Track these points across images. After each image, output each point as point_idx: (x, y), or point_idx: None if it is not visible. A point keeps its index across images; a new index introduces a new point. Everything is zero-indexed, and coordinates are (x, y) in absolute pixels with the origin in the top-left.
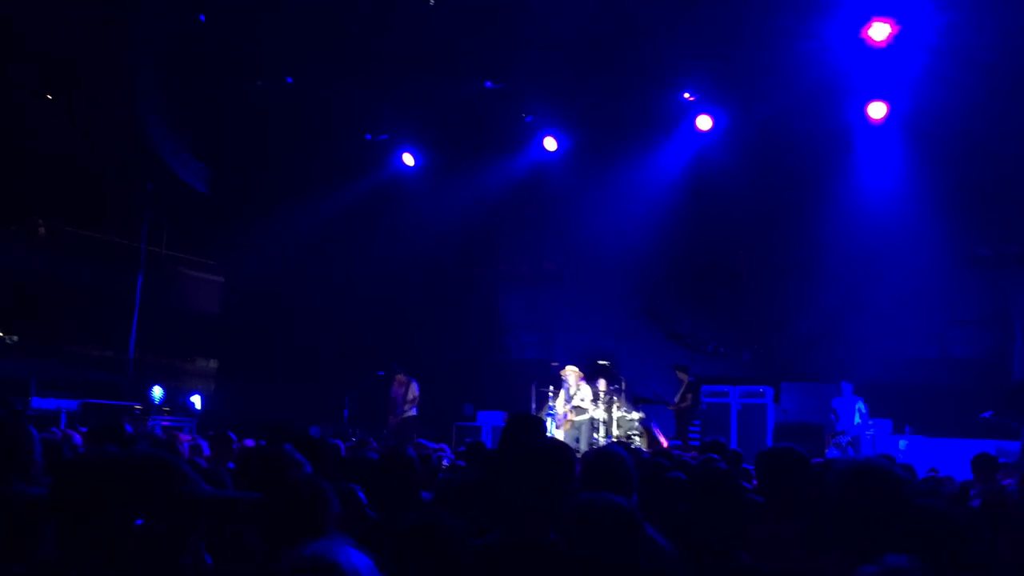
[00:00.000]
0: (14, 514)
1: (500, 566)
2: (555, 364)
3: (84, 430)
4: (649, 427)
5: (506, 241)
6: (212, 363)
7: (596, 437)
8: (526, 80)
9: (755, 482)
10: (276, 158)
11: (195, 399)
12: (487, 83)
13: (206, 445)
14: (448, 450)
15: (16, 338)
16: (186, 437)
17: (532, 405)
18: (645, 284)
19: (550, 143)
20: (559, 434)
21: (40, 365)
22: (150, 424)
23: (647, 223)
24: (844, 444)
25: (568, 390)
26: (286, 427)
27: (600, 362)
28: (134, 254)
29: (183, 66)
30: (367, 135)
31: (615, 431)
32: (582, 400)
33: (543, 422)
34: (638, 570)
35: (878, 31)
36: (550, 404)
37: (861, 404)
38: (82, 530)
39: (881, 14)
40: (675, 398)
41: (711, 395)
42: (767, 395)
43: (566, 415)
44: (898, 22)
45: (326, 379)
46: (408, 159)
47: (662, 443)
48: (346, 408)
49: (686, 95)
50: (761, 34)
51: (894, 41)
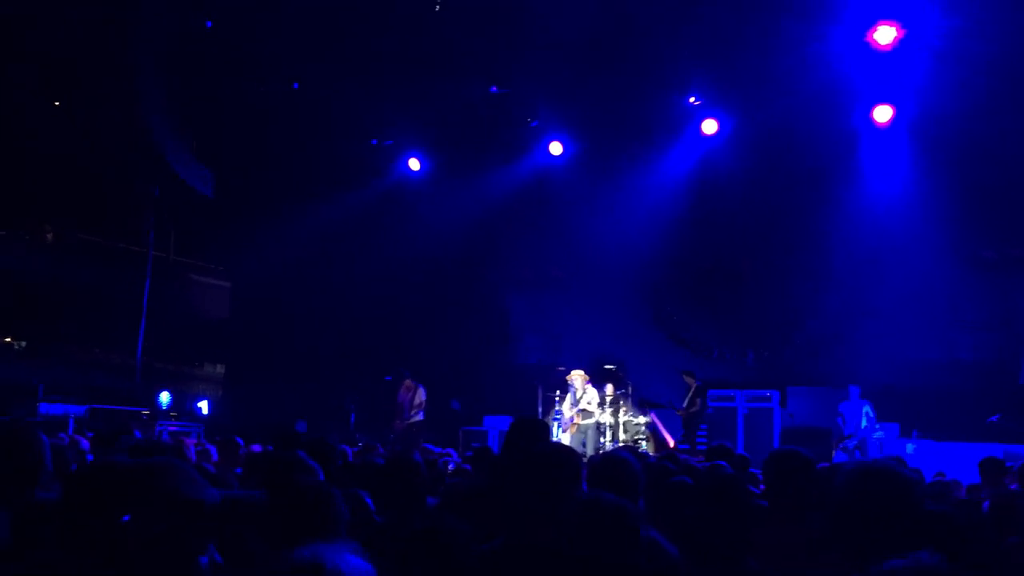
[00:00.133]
0: (29, 520)
1: (505, 571)
2: (561, 368)
3: (91, 435)
4: (654, 428)
5: (512, 246)
6: (219, 368)
7: (602, 441)
8: (531, 85)
9: (762, 487)
10: (282, 163)
11: (202, 404)
12: (492, 88)
13: (214, 450)
14: (455, 455)
15: (23, 343)
16: (193, 442)
17: (539, 409)
18: (651, 288)
19: (555, 148)
20: (565, 438)
21: (47, 370)
22: (157, 429)
23: (653, 227)
24: (851, 448)
25: (574, 394)
26: (295, 432)
27: (607, 366)
28: (141, 259)
29: (188, 70)
30: (373, 140)
31: (621, 435)
32: (588, 404)
33: (547, 426)
34: (637, 569)
35: (884, 35)
36: (556, 408)
37: (868, 408)
38: (93, 535)
39: (886, 18)
40: (683, 403)
41: (717, 399)
42: (773, 399)
43: (572, 419)
44: (903, 26)
45: (332, 384)
46: (414, 164)
47: (668, 442)
48: (352, 413)
49: (692, 99)
50: (766, 38)
51: (899, 45)
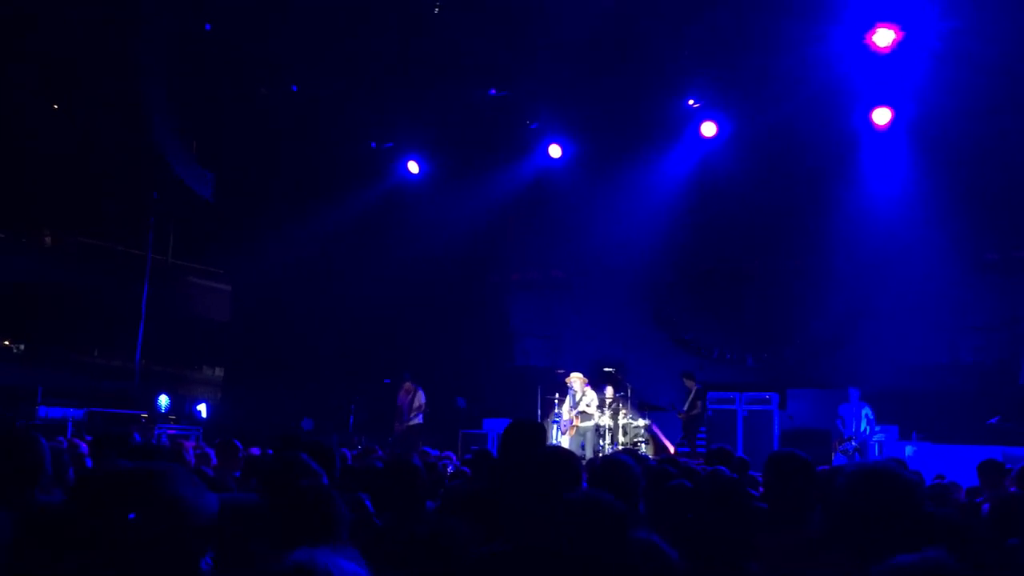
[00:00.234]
0: (31, 523)
1: (505, 574)
2: (561, 371)
3: (90, 439)
4: (653, 432)
5: (511, 248)
6: (218, 371)
7: (602, 444)
8: (531, 87)
9: (762, 489)
10: (281, 165)
11: (201, 407)
12: (492, 90)
13: (212, 453)
14: (454, 457)
15: (22, 346)
16: (192, 445)
17: (538, 412)
18: (651, 290)
19: (555, 150)
20: (564, 440)
21: (46, 374)
22: (156, 432)
23: (653, 230)
24: (851, 450)
25: (574, 396)
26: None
27: (606, 368)
28: (140, 262)
29: (188, 72)
30: (372, 143)
31: (621, 438)
32: (588, 406)
33: (544, 429)
34: (636, 571)
35: (882, 37)
36: (556, 411)
37: (868, 410)
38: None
39: (885, 20)
40: (684, 406)
41: (717, 402)
42: (773, 401)
43: (571, 421)
44: (902, 28)
45: (332, 387)
46: (413, 167)
47: (668, 448)
48: (352, 416)
49: (691, 102)
50: (766, 41)
51: (898, 47)
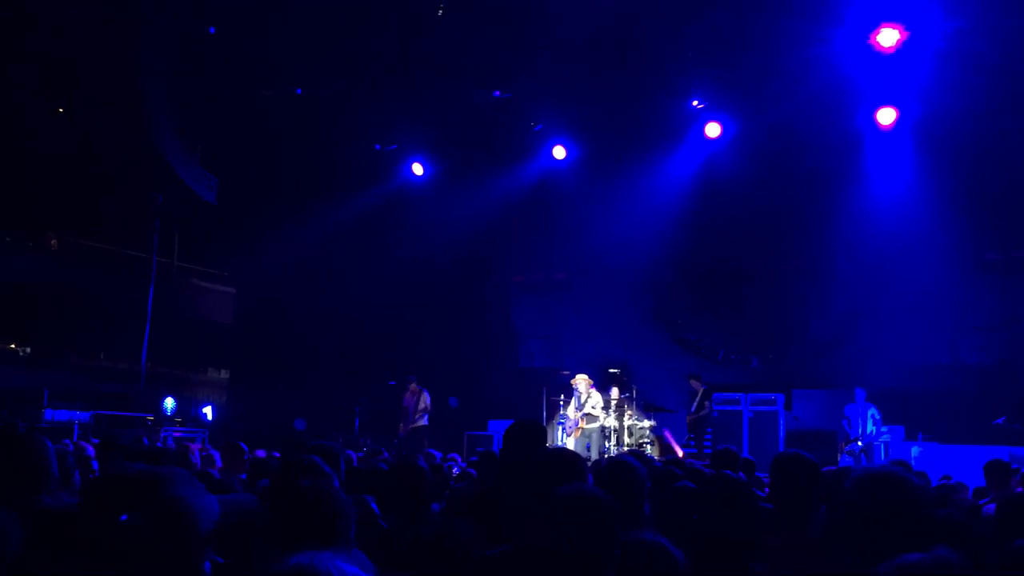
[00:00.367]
0: (40, 527)
1: (508, 575)
2: (566, 372)
3: (96, 441)
4: (661, 435)
5: (515, 250)
6: (223, 373)
7: (607, 445)
8: (535, 89)
9: (767, 490)
10: (286, 168)
11: (207, 410)
12: (495, 92)
13: (218, 455)
14: (459, 459)
15: (28, 350)
16: (198, 447)
17: (543, 414)
18: (655, 291)
19: (559, 152)
20: (570, 442)
21: (52, 377)
22: (162, 435)
23: (657, 231)
24: (857, 451)
25: (579, 398)
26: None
27: (611, 370)
28: (145, 265)
29: (192, 75)
30: (376, 145)
31: (626, 439)
32: (593, 408)
33: (544, 429)
34: (624, 566)
35: (887, 37)
36: (561, 412)
37: (874, 410)
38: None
39: (889, 20)
40: (693, 407)
41: (722, 403)
42: (778, 402)
43: (577, 423)
44: (906, 28)
45: (337, 388)
46: (417, 169)
47: (676, 451)
48: (356, 418)
49: (695, 103)
50: (769, 41)
51: (903, 47)
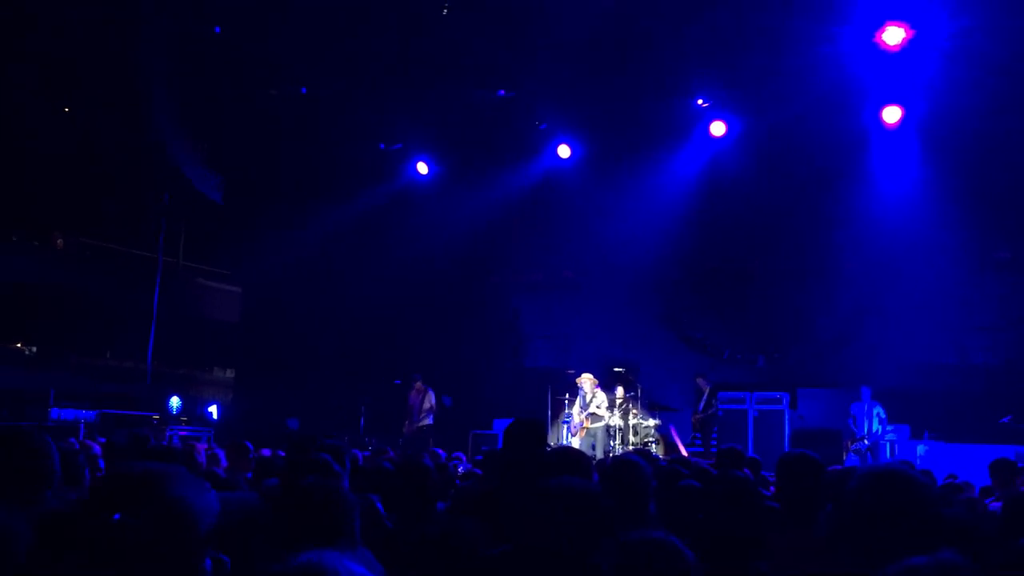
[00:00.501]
0: (45, 527)
1: (511, 574)
2: (571, 371)
3: (103, 440)
4: (667, 433)
5: (520, 249)
6: (229, 372)
7: (612, 444)
8: (539, 88)
9: (773, 489)
10: (291, 167)
11: (212, 409)
12: (500, 91)
13: (223, 454)
14: (464, 458)
15: (34, 349)
16: (203, 446)
17: (548, 413)
18: (660, 290)
19: (564, 151)
20: (575, 441)
21: (58, 376)
22: (168, 434)
23: (662, 229)
24: (863, 450)
25: (584, 397)
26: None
27: (616, 369)
28: (150, 264)
29: (196, 74)
30: (381, 144)
31: (631, 438)
32: (598, 407)
33: (545, 426)
34: (596, 549)
35: (892, 35)
36: (566, 411)
37: (880, 409)
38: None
39: (895, 19)
40: (700, 405)
41: (728, 402)
42: (784, 401)
43: (582, 423)
44: (912, 26)
45: (342, 387)
46: (422, 168)
47: (681, 450)
48: (362, 417)
49: (700, 101)
50: (774, 39)
51: (908, 45)
